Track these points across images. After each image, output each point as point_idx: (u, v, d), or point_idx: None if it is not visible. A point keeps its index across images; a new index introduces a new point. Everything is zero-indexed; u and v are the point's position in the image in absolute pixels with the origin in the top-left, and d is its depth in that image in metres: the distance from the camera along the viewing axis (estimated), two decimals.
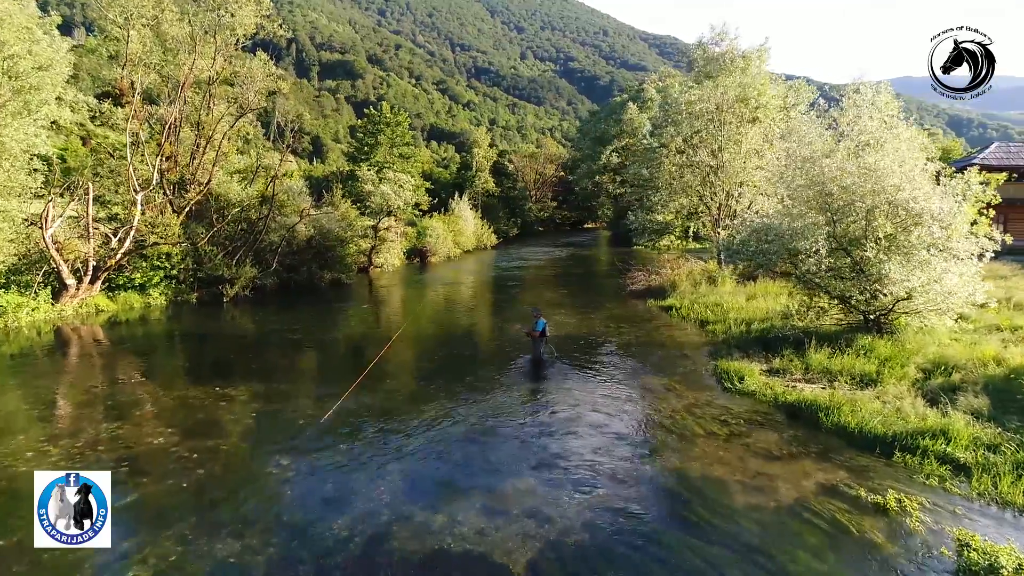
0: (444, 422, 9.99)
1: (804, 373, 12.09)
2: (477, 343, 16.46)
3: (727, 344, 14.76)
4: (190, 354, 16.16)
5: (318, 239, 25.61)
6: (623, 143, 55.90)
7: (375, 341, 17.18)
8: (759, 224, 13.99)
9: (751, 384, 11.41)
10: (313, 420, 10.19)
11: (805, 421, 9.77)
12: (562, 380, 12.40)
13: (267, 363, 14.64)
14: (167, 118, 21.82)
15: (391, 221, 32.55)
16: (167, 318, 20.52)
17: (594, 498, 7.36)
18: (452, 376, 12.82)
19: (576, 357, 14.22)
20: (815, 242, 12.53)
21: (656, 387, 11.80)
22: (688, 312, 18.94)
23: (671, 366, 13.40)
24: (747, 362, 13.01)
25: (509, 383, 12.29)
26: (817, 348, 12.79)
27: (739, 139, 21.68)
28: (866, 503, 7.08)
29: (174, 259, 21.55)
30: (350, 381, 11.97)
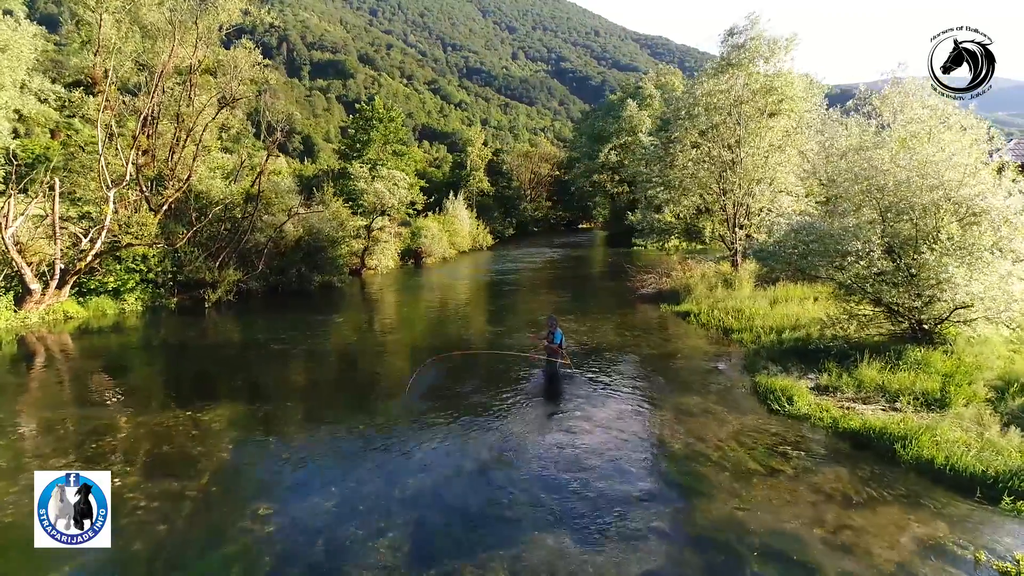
0: (453, 455, 8.52)
1: (857, 391, 10.72)
2: (481, 356, 14.97)
3: (759, 356, 13.37)
4: (164, 369, 14.57)
5: (307, 240, 23.98)
6: (622, 141, 54.53)
7: (366, 353, 15.73)
8: (799, 223, 12.59)
9: (802, 405, 10.02)
10: (299, 452, 8.69)
11: (876, 453, 8.37)
12: (582, 400, 10.95)
13: (249, 379, 13.09)
14: (144, 109, 20.17)
15: (385, 221, 30.95)
16: (143, 325, 18.88)
17: (637, 560, 5.92)
18: (458, 397, 11.34)
19: (594, 371, 12.78)
20: (867, 243, 11.14)
21: (691, 408, 10.37)
22: (708, 319, 17.55)
23: (702, 382, 11.99)
24: (789, 378, 11.63)
25: (522, 405, 10.82)
26: (866, 361, 11.46)
27: (761, 132, 20.32)
28: (991, 570, 5.69)
29: (151, 261, 19.88)
30: (338, 401, 10.50)
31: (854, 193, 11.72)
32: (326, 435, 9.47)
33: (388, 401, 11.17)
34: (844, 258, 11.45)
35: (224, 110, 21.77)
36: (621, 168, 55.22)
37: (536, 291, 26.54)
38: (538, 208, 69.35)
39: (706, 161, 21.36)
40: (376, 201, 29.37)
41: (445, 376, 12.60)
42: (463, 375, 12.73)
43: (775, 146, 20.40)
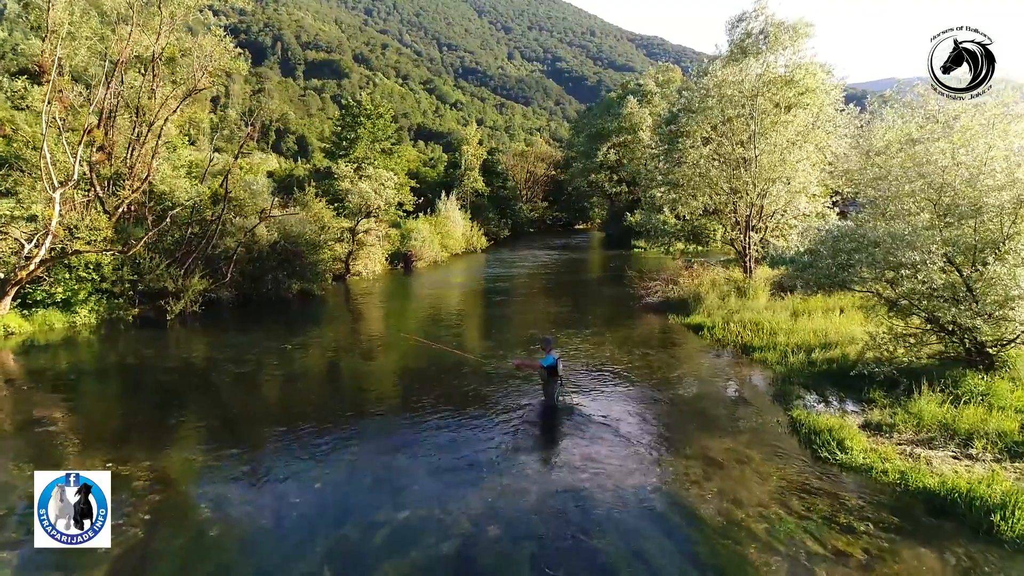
0: (435, 516, 6.66)
1: (916, 430, 8.92)
2: (471, 377, 13.10)
3: (790, 382, 11.58)
4: (110, 395, 12.67)
5: (284, 244, 22.04)
6: (621, 139, 52.79)
7: (343, 377, 13.83)
8: (839, 229, 10.76)
9: (857, 453, 8.20)
10: (270, 503, 6.82)
11: (966, 525, 6.55)
12: (586, 441, 9.10)
13: (206, 410, 11.18)
14: (100, 102, 18.25)
15: (371, 223, 29.03)
16: (97, 340, 16.96)
17: None
18: (441, 430, 9.48)
19: (598, 401, 10.94)
20: (928, 253, 9.32)
21: (720, 454, 8.54)
22: (723, 333, 15.75)
23: (728, 416, 10.17)
24: (830, 412, 9.86)
25: (515, 445, 8.97)
26: (919, 390, 9.69)
27: (778, 128, 18.52)
28: None
29: (105, 269, 17.94)
30: (310, 440, 8.66)
31: (906, 193, 9.91)
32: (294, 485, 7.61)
33: (355, 443, 9.30)
34: (897, 271, 9.63)
35: (189, 103, 19.81)
36: (620, 167, 53.51)
37: (531, 300, 24.69)
38: (534, 209, 67.52)
39: (717, 159, 19.55)
40: (361, 202, 27.48)
41: (429, 401, 10.73)
42: (445, 400, 10.85)
43: (793, 142, 18.59)
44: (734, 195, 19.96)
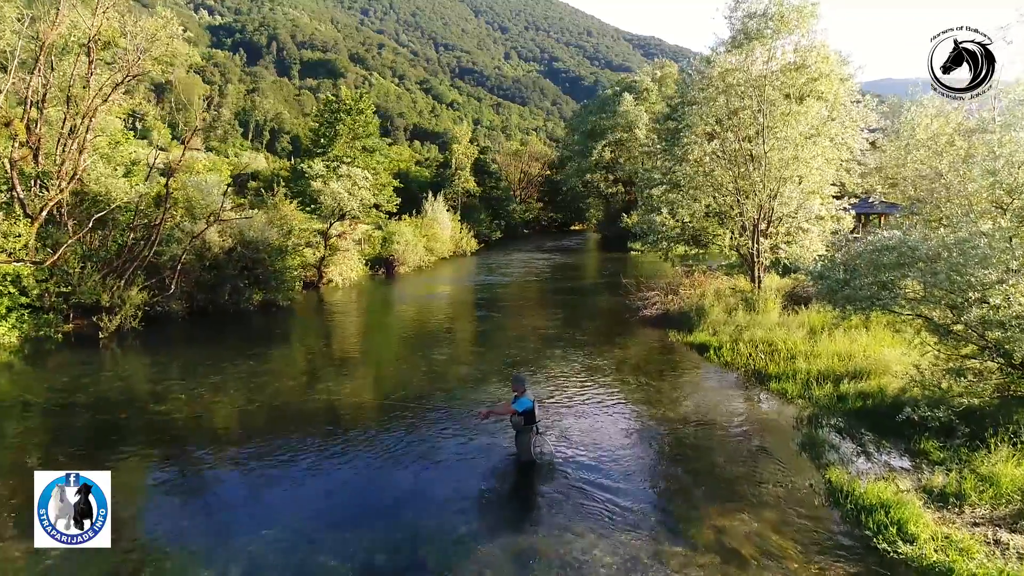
0: None
1: (994, 504, 6.84)
2: (437, 420, 10.96)
3: (817, 423, 9.50)
4: (14, 435, 10.51)
5: (242, 250, 19.85)
6: (617, 137, 50.71)
7: (280, 408, 11.51)
8: (884, 240, 8.63)
9: (925, 542, 6.09)
10: None
11: None
12: (566, 522, 6.99)
13: (128, 461, 9.02)
14: (24, 90, 16.11)
15: (344, 226, 26.84)
16: (18, 362, 14.85)
17: None
18: (397, 494, 7.37)
19: (584, 451, 8.84)
20: (1009, 272, 7.21)
21: (741, 544, 6.40)
22: (732, 356, 13.66)
23: (748, 477, 8.03)
24: (876, 470, 7.79)
25: (471, 530, 6.86)
26: (984, 441, 7.66)
27: (789, 120, 16.43)
28: None
29: (27, 281, 15.78)
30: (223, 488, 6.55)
31: (975, 192, 7.82)
32: None
33: (285, 517, 7.17)
34: (965, 294, 7.51)
35: (130, 92, 17.65)
36: (616, 167, 51.47)
37: (517, 312, 22.55)
38: (528, 209, 65.40)
39: (722, 156, 17.45)
40: (334, 204, 25.32)
41: (386, 450, 8.59)
42: (407, 449, 8.70)
43: (807, 137, 16.51)
44: (741, 196, 17.87)
